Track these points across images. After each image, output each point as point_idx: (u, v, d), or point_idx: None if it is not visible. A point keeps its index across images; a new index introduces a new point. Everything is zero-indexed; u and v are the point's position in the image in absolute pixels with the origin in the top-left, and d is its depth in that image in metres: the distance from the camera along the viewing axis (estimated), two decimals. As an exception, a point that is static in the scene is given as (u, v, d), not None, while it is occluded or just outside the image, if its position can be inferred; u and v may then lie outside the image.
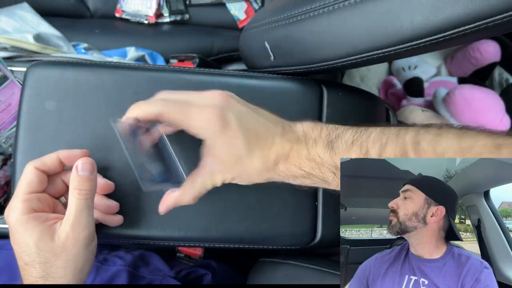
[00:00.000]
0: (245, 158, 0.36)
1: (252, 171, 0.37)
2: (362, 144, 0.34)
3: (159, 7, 0.85)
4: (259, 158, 0.36)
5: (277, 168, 0.37)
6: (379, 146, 0.33)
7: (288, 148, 0.36)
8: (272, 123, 0.37)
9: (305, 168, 0.36)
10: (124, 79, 0.45)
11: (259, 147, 0.36)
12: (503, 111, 0.79)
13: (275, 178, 0.38)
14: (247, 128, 0.36)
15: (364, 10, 0.36)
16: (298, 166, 0.36)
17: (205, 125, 0.35)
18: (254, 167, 0.36)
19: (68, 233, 0.36)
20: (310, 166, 0.36)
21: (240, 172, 0.37)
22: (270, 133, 0.37)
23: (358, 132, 0.35)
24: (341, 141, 0.35)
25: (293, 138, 0.37)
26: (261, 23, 0.49)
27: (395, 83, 0.98)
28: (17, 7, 0.75)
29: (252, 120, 0.37)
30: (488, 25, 0.30)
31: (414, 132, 0.32)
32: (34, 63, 0.45)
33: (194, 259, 0.59)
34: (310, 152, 0.36)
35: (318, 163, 0.35)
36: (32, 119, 0.44)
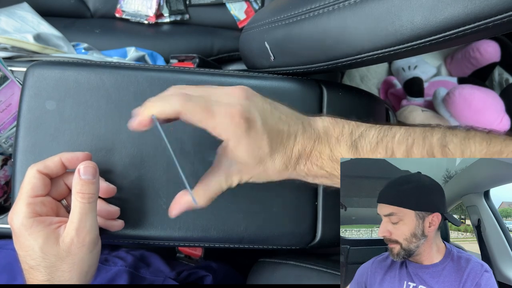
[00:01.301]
0: (268, 158, 0.34)
1: (273, 172, 0.35)
2: (387, 146, 0.33)
3: (159, 7, 0.85)
4: (281, 158, 0.35)
5: (298, 167, 0.36)
6: (405, 148, 0.32)
7: (310, 147, 0.35)
8: (293, 120, 0.36)
9: (327, 168, 0.35)
10: (124, 79, 0.45)
11: (282, 146, 0.35)
12: (503, 111, 0.79)
13: (294, 176, 0.37)
14: (270, 128, 0.34)
15: (364, 10, 0.36)
16: (320, 166, 0.35)
17: (229, 125, 0.32)
18: (275, 167, 0.35)
19: (73, 237, 0.36)
20: (332, 167, 0.35)
21: (260, 173, 0.35)
22: (292, 131, 0.35)
23: (381, 131, 0.34)
24: (365, 141, 0.34)
25: (315, 135, 0.35)
26: (261, 23, 0.49)
27: (395, 83, 0.98)
28: (17, 7, 0.75)
29: (274, 118, 0.35)
30: (488, 25, 0.30)
31: (441, 134, 0.31)
32: (34, 63, 0.45)
33: (194, 259, 0.59)
34: (333, 152, 0.35)
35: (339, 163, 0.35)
36: (32, 119, 0.44)
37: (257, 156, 0.34)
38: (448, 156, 0.30)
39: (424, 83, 0.92)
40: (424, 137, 0.32)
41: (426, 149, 0.31)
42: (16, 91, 0.51)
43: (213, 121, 0.32)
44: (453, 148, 0.30)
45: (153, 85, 0.45)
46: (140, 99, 0.44)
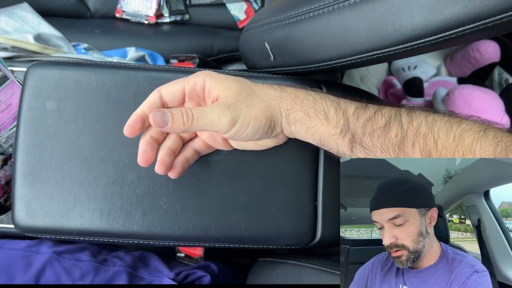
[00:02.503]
0: (251, 82, 0.39)
1: (260, 92, 0.38)
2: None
3: (159, 7, 0.86)
4: (266, 88, 0.38)
5: (284, 93, 0.38)
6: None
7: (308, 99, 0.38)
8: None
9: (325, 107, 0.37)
10: (124, 79, 0.45)
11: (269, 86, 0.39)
12: (503, 111, 0.79)
13: (282, 106, 0.38)
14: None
15: (364, 10, 0.36)
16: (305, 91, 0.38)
17: (201, 73, 0.38)
18: (262, 88, 0.38)
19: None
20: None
21: (250, 96, 0.37)
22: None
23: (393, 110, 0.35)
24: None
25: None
26: (261, 23, 0.49)
27: (395, 83, 0.98)
28: (17, 7, 0.75)
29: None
30: (487, 25, 0.30)
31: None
32: (34, 63, 0.45)
33: (194, 259, 0.59)
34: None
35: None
36: (32, 119, 0.44)
37: (237, 80, 0.38)
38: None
39: (424, 83, 0.92)
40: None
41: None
42: (16, 91, 0.51)
43: (184, 79, 0.38)
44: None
45: (153, 85, 0.45)
46: (140, 99, 0.44)
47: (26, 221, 0.43)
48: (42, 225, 0.43)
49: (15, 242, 0.50)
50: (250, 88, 0.38)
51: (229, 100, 0.37)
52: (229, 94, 0.37)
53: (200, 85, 0.38)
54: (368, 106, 0.36)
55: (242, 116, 0.36)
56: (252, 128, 0.37)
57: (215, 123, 0.36)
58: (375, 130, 0.34)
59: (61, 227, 0.43)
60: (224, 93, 0.37)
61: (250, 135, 0.38)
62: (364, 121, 0.35)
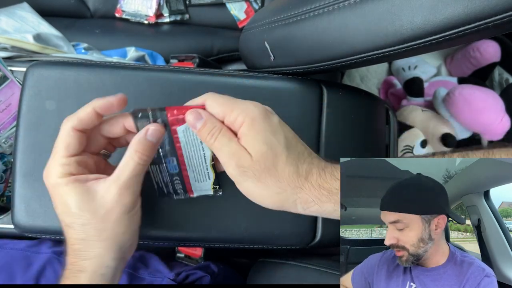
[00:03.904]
0: (283, 157, 0.34)
1: (283, 172, 0.34)
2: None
3: (159, 7, 0.85)
4: (293, 161, 0.35)
5: (311, 177, 0.35)
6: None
7: (324, 164, 0.36)
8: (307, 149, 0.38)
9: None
10: (124, 79, 0.45)
11: (297, 152, 0.35)
12: (503, 111, 0.79)
13: (305, 190, 0.35)
14: (288, 133, 0.36)
15: (364, 10, 0.36)
16: (337, 178, 0.35)
17: (247, 107, 0.35)
18: (285, 166, 0.34)
19: (115, 194, 0.34)
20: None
21: (264, 168, 0.34)
22: (307, 151, 0.37)
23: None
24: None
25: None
26: (261, 23, 0.49)
27: (395, 83, 0.98)
28: (17, 7, 0.75)
29: (292, 133, 0.37)
30: (488, 25, 0.30)
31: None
32: (34, 63, 0.45)
33: (194, 259, 0.59)
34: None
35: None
36: (32, 119, 0.44)
37: (269, 142, 0.34)
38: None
39: (424, 83, 0.92)
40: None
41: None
42: (16, 91, 0.51)
43: (231, 103, 0.35)
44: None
45: (153, 85, 0.45)
46: (140, 99, 0.44)
47: (26, 221, 0.43)
48: (42, 225, 0.43)
49: (15, 243, 0.50)
50: (273, 160, 0.35)
51: (247, 162, 0.35)
52: (252, 152, 0.35)
53: (238, 124, 0.35)
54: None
55: (247, 186, 0.36)
56: (255, 200, 0.37)
57: (225, 164, 0.36)
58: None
59: (61, 227, 0.43)
60: (251, 148, 0.35)
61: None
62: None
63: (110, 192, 0.34)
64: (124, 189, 0.34)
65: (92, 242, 0.34)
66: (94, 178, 0.35)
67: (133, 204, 0.36)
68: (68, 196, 0.34)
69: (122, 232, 0.35)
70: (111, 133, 0.37)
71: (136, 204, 0.37)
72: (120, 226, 0.35)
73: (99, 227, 0.34)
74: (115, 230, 0.35)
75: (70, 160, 0.35)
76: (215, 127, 0.35)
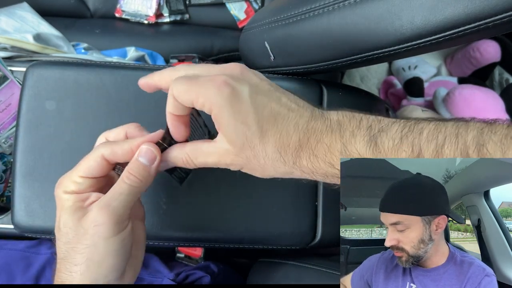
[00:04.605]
0: (256, 140, 0.30)
1: (265, 161, 0.30)
2: (414, 142, 0.28)
3: (159, 7, 0.85)
4: (274, 143, 0.30)
5: (300, 162, 0.30)
6: (435, 147, 0.27)
7: (316, 138, 0.30)
8: (298, 105, 0.31)
9: (338, 166, 0.30)
10: (124, 79, 0.45)
11: (276, 129, 0.30)
12: (504, 111, 0.79)
13: (298, 174, 0.32)
14: (261, 104, 0.30)
15: (364, 10, 0.36)
16: (329, 163, 0.30)
17: (210, 92, 0.29)
18: (267, 154, 0.30)
19: (96, 213, 0.31)
20: None
21: (250, 159, 0.31)
22: (293, 115, 0.30)
23: (407, 126, 0.28)
24: (387, 137, 0.28)
25: (324, 126, 0.30)
26: (261, 23, 0.49)
27: (395, 83, 0.98)
28: (17, 7, 0.75)
29: (271, 97, 0.30)
30: (488, 25, 0.30)
31: (477, 131, 0.27)
32: (34, 63, 0.45)
33: (194, 260, 0.59)
34: (346, 147, 0.29)
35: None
36: (32, 119, 0.44)
37: (240, 134, 0.30)
38: (486, 157, 0.26)
39: (424, 83, 0.92)
40: (458, 134, 0.27)
41: (460, 148, 0.26)
42: (16, 91, 0.51)
43: (196, 89, 0.30)
44: (491, 148, 0.26)
45: (153, 85, 0.45)
46: (140, 99, 0.44)
47: (25, 221, 0.43)
48: (42, 225, 0.43)
49: (14, 243, 0.50)
50: (252, 152, 0.30)
51: (229, 159, 0.32)
52: (230, 146, 0.31)
53: (207, 111, 0.31)
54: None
55: (249, 171, 0.33)
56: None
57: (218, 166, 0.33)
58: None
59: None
60: (227, 141, 0.31)
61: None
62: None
63: (91, 212, 0.32)
64: (104, 209, 0.31)
65: (69, 264, 0.32)
66: (95, 198, 0.33)
67: (114, 228, 0.31)
68: (63, 211, 0.32)
69: (96, 261, 0.31)
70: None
71: (120, 230, 0.32)
72: (95, 253, 0.31)
73: (78, 249, 0.31)
74: (89, 256, 0.31)
75: (84, 180, 0.33)
76: (181, 153, 0.33)
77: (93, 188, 0.34)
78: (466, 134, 0.27)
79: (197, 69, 0.33)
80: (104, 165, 0.33)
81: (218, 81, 0.29)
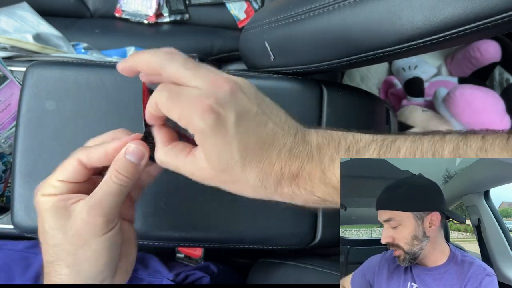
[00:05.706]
0: (237, 168, 0.29)
1: (245, 186, 0.31)
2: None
3: (159, 7, 0.85)
4: (256, 173, 0.29)
5: (281, 189, 0.30)
6: None
7: (297, 167, 0.30)
8: (283, 130, 0.30)
9: (318, 194, 0.30)
10: (124, 79, 0.45)
11: (259, 159, 0.29)
12: (504, 111, 0.79)
13: (277, 198, 0.32)
14: (247, 132, 0.29)
15: (364, 10, 0.36)
16: (310, 191, 0.30)
17: (194, 119, 0.28)
18: (248, 182, 0.30)
19: (84, 214, 0.31)
20: (325, 192, 0.30)
21: (228, 183, 0.31)
22: (277, 144, 0.30)
23: (384, 145, 0.29)
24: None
25: (305, 152, 0.30)
26: (261, 23, 0.49)
27: (395, 83, 0.98)
28: (17, 7, 0.75)
29: (257, 123, 0.30)
30: (488, 25, 0.30)
31: (453, 146, 0.27)
32: (34, 63, 0.45)
33: (194, 260, 0.59)
34: (325, 173, 0.29)
35: (335, 188, 0.29)
36: (32, 119, 0.44)
37: (222, 162, 0.29)
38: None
39: (424, 83, 0.92)
40: (434, 151, 0.27)
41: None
42: (16, 91, 0.51)
43: (178, 109, 0.29)
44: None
45: (153, 85, 0.45)
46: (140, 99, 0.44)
47: (25, 221, 0.43)
48: (42, 225, 0.43)
49: (13, 243, 0.50)
50: (232, 176, 0.30)
51: (208, 175, 0.31)
52: (210, 166, 0.30)
53: (190, 131, 0.30)
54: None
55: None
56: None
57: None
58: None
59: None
60: (208, 162, 0.30)
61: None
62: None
63: (81, 211, 0.31)
64: (95, 208, 0.31)
65: (59, 266, 0.32)
66: (76, 197, 0.32)
67: (104, 227, 0.32)
68: (45, 214, 0.32)
69: (89, 260, 0.32)
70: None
71: (110, 228, 0.32)
72: (87, 252, 0.31)
73: (68, 250, 0.31)
74: (81, 256, 0.31)
75: (62, 184, 0.33)
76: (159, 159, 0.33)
77: (74, 192, 0.33)
78: (442, 151, 0.27)
79: (175, 65, 0.30)
80: (81, 170, 0.33)
81: (202, 106, 0.28)
